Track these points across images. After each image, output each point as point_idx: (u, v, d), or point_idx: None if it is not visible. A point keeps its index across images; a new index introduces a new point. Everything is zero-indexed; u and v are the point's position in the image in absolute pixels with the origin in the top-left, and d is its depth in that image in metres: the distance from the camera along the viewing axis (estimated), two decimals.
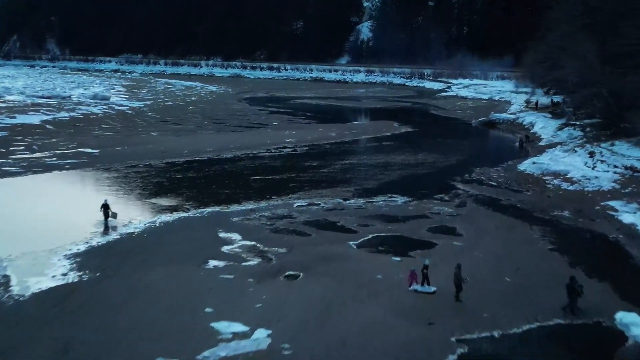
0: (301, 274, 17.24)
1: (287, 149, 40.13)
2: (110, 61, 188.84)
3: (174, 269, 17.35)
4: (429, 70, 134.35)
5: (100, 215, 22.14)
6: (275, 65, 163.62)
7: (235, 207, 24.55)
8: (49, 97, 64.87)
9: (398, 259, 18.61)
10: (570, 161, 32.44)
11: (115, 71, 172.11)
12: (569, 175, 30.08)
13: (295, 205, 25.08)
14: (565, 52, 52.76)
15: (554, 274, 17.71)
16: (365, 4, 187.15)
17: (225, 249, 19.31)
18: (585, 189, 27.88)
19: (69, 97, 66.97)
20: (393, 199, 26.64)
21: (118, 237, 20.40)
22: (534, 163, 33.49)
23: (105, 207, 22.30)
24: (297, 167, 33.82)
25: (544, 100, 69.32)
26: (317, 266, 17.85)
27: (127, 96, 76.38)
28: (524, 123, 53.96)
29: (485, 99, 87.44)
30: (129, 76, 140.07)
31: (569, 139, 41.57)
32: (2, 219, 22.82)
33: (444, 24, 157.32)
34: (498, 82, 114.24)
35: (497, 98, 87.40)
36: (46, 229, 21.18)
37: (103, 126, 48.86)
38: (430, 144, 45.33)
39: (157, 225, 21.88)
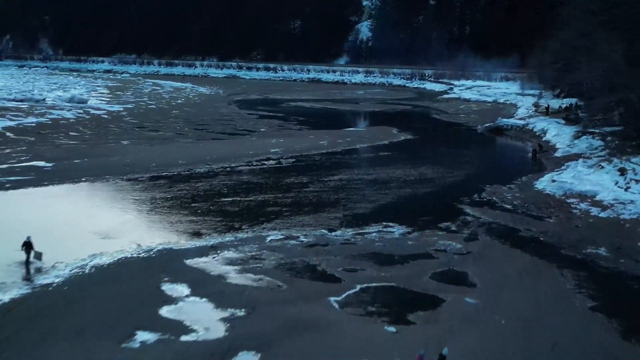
0: (259, 356, 12.53)
1: (271, 162, 35.43)
2: (103, 61, 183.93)
3: (84, 348, 12.65)
4: (430, 71, 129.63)
5: (21, 255, 17.58)
6: (271, 65, 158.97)
7: (193, 243, 19.84)
8: (21, 100, 60.20)
9: (393, 329, 13.88)
10: (597, 179, 27.73)
11: (108, 71, 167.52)
12: (597, 198, 25.39)
13: (269, 239, 20.38)
14: (580, 51, 48.10)
15: (604, 352, 13.06)
16: (365, 2, 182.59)
17: (164, 311, 14.61)
18: (621, 217, 23.16)
19: (43, 100, 62.28)
20: (389, 228, 21.95)
21: (29, 291, 15.68)
22: (554, 181, 28.80)
23: (28, 245, 17.69)
24: (277, 186, 29.11)
25: (554, 103, 64.79)
26: (283, 341, 13.15)
27: (108, 99, 71.65)
28: (534, 130, 49.26)
29: (489, 102, 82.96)
30: (119, 77, 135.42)
31: (588, 149, 36.87)
32: None
33: (445, 23, 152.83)
34: (502, 83, 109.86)
35: (502, 101, 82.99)
36: None
37: (71, 133, 44.17)
38: (433, 154, 40.67)
39: (87, 271, 17.16)
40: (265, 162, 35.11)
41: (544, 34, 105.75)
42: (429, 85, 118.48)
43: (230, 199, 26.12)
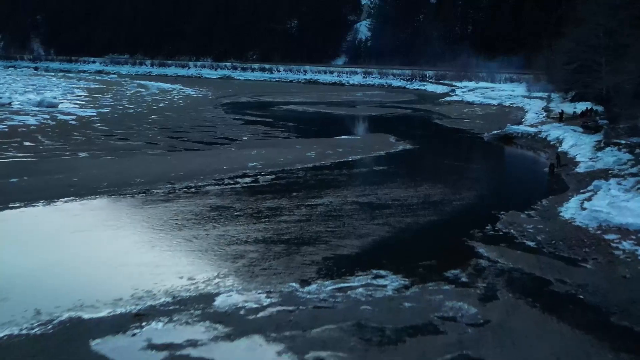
0: None
1: (246, 179, 30.28)
2: (94, 62, 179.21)
3: None
4: (430, 71, 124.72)
5: None
6: (267, 66, 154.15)
7: (112, 308, 14.62)
8: None
9: None
10: (639, 208, 22.53)
11: (99, 72, 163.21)
12: None
13: (218, 300, 15.21)
14: (599, 51, 43.03)
15: None
16: (364, 1, 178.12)
17: None
18: None
19: (9, 104, 57.18)
20: (380, 280, 16.83)
21: None
22: (584, 208, 23.60)
23: None
24: (246, 214, 23.93)
25: (566, 108, 59.80)
26: None
27: (83, 102, 66.44)
28: (548, 139, 44.15)
29: (494, 105, 78.21)
30: (107, 78, 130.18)
31: (616, 164, 31.72)
32: None
33: (446, 22, 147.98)
34: (507, 85, 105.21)
35: (507, 104, 78.35)
36: None
37: (25, 143, 39.01)
38: (436, 168, 35.56)
39: None
40: (239, 180, 29.94)
41: (551, 33, 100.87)
42: (430, 87, 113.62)
43: (183, 234, 20.93)
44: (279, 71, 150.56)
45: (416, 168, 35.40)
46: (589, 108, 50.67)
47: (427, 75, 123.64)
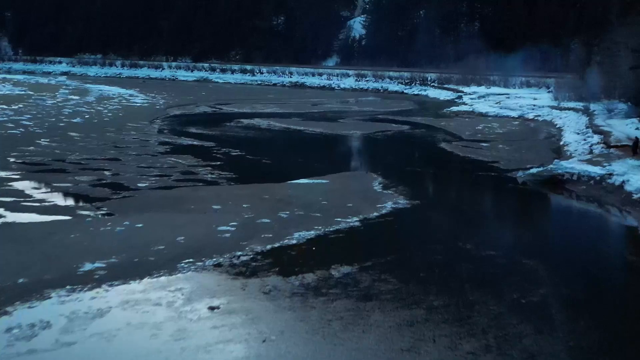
0: None
1: (24, 340, 13.46)
2: (60, 62, 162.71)
3: None
4: (433, 74, 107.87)
5: None
6: (248, 67, 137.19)
7: None
8: None
9: None
10: None
11: (65, 73, 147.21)
12: None
13: None
14: None
15: None
16: None
17: None
18: None
19: None
20: None
21: None
22: None
23: None
24: None
25: (620, 126, 43.56)
26: None
27: None
28: (627, 189, 27.29)
29: (515, 118, 61.96)
30: (54, 81, 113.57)
31: None
32: None
33: (450, 19, 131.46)
34: (524, 90, 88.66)
35: (531, 116, 62.12)
36: None
37: None
38: (452, 272, 18.51)
39: None
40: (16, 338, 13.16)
41: (571, 28, 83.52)
42: (432, 92, 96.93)
43: None
44: (261, 73, 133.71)
45: (416, 273, 18.48)
46: None
47: (429, 78, 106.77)
